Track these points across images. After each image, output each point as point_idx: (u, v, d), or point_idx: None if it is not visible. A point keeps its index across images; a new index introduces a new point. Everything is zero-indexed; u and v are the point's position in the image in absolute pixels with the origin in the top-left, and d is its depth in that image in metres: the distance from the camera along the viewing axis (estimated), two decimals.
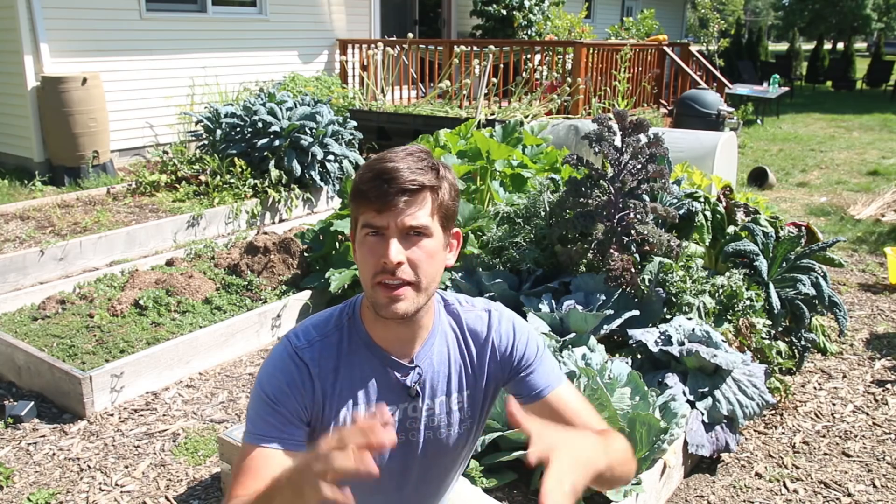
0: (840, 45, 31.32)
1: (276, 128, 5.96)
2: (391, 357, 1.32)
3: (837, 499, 2.56)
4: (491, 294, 3.18)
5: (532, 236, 3.38)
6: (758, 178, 7.41)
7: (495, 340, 1.40)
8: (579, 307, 2.92)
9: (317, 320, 1.35)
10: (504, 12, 10.82)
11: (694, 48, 10.83)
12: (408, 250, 1.21)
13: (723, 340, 2.82)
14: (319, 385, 1.29)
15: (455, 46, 8.57)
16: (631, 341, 2.85)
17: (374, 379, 1.32)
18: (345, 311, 1.36)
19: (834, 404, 3.19)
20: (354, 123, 6.76)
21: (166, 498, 2.53)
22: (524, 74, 8.25)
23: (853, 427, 3.01)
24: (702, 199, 3.53)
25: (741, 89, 11.98)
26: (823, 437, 2.94)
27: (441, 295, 1.41)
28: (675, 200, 3.50)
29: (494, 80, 8.26)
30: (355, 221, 1.26)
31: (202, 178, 5.97)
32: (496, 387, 1.44)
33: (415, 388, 1.34)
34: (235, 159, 5.94)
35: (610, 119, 3.18)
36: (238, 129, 6.18)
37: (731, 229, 3.59)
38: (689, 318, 2.97)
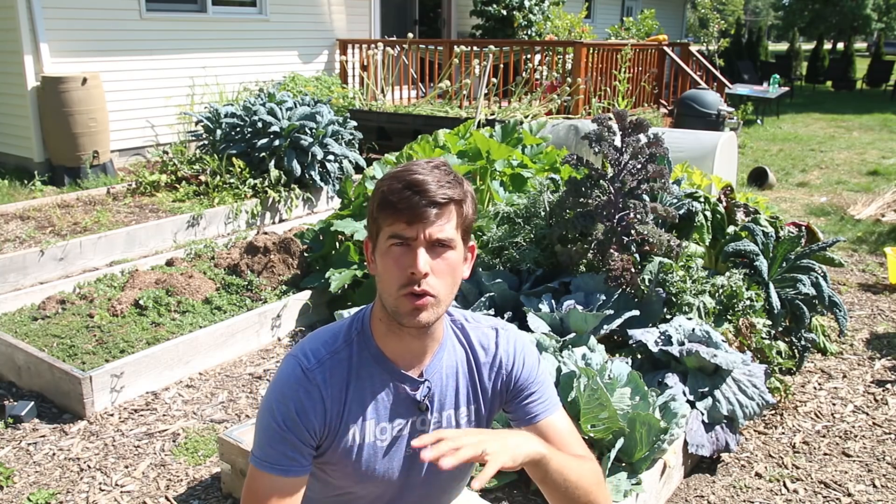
0: (840, 45, 31.32)
1: (275, 128, 5.96)
2: (401, 371, 1.33)
3: (837, 499, 2.56)
4: (491, 294, 3.18)
5: (532, 236, 3.38)
6: (758, 178, 7.40)
7: (502, 358, 1.42)
8: (579, 307, 2.92)
9: (325, 337, 1.35)
10: (504, 12, 10.82)
11: (694, 48, 10.83)
12: (433, 261, 1.23)
13: (723, 340, 2.82)
14: (331, 405, 1.29)
15: (455, 46, 8.57)
16: (631, 341, 2.85)
17: (384, 393, 1.33)
18: (353, 325, 1.36)
19: (834, 404, 3.19)
20: (354, 123, 6.75)
21: (166, 498, 2.53)
22: (524, 74, 8.25)
23: (853, 427, 3.01)
24: (702, 199, 3.53)
25: (741, 89, 11.98)
26: (823, 437, 2.94)
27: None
28: (675, 200, 3.50)
29: (494, 80, 8.26)
30: (377, 232, 1.26)
31: (202, 178, 5.97)
32: (500, 403, 1.45)
33: (424, 402, 1.35)
34: (235, 159, 5.93)
35: (610, 119, 3.17)
36: (238, 129, 6.18)
37: (731, 229, 3.59)
38: (689, 318, 2.97)
